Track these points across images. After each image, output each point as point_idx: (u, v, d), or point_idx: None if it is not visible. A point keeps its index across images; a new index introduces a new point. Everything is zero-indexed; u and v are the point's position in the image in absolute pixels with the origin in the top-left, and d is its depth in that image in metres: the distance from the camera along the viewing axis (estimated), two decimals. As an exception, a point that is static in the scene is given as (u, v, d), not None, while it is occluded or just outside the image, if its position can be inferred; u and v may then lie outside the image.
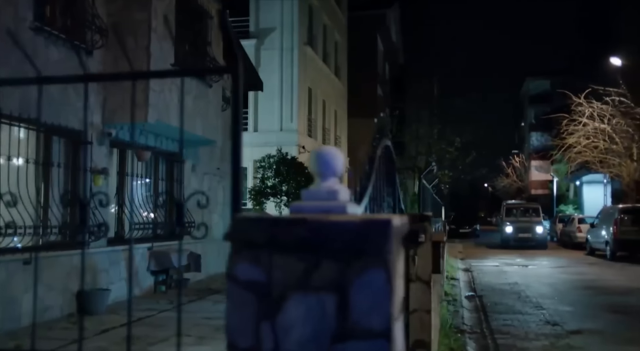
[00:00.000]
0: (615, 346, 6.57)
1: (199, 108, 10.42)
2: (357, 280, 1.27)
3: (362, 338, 1.26)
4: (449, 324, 7.43)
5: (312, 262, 1.29)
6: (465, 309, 9.28)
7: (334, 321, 1.27)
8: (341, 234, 1.28)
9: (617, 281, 13.03)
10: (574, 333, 7.31)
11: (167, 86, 9.12)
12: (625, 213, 18.65)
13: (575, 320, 8.14)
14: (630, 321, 8.12)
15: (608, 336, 7.08)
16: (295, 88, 20.72)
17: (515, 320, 8.27)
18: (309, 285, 1.29)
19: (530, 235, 24.44)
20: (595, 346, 6.54)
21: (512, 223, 25.01)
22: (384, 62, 37.81)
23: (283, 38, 20.91)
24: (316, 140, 23.23)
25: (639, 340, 6.90)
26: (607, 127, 21.11)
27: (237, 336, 1.32)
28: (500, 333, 7.35)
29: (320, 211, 1.38)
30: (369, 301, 1.26)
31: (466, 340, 6.81)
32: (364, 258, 1.27)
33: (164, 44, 9.03)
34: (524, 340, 6.92)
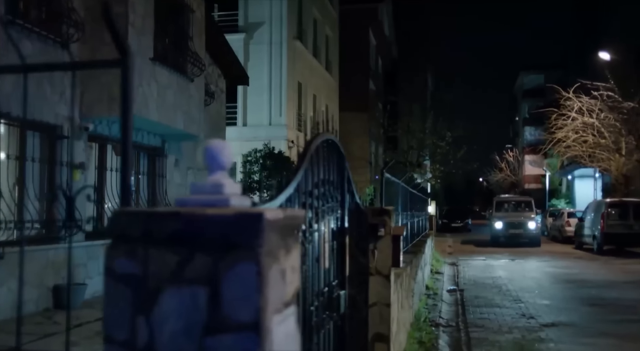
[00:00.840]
0: (586, 338, 6.62)
1: (180, 102, 10.39)
2: (228, 274, 1.27)
3: (232, 331, 1.27)
4: (425, 317, 7.46)
5: (185, 255, 1.29)
6: (445, 303, 9.32)
7: (206, 315, 1.28)
8: (213, 227, 1.29)
9: (600, 274, 13.11)
10: (547, 326, 7.36)
11: (145, 80, 9.09)
12: (612, 207, 18.74)
13: (551, 313, 8.19)
14: (605, 314, 8.18)
15: (580, 329, 7.13)
16: (284, 83, 20.68)
17: (492, 314, 8.31)
18: (183, 279, 1.29)
19: (522, 231, 22.37)
20: (565, 339, 6.59)
21: (503, 219, 22.92)
22: (376, 56, 37.73)
23: (272, 32, 20.85)
24: (306, 135, 23.20)
25: (610, 332, 6.94)
26: (595, 121, 21.14)
27: (114, 329, 1.33)
28: (475, 327, 7.40)
29: (203, 204, 1.38)
30: (239, 295, 1.27)
31: (439, 334, 6.85)
32: (236, 251, 1.27)
33: (142, 39, 8.99)
34: (497, 333, 6.96)
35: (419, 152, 31.34)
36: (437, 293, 10.12)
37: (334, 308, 3.04)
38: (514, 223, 22.54)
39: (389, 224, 4.38)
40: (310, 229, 2.53)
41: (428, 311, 8.21)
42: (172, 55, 10.26)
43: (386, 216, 4.39)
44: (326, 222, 2.99)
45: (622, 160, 21.54)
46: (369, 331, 4.34)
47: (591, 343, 6.37)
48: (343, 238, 3.34)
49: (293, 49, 21.32)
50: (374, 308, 4.35)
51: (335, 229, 3.23)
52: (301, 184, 2.43)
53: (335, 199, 3.19)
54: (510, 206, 24.70)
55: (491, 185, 61.11)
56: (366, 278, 4.28)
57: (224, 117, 14.95)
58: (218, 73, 14.37)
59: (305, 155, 2.51)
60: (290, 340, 1.50)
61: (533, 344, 6.39)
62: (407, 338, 5.97)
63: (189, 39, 10.71)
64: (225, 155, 1.48)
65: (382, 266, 4.37)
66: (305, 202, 2.48)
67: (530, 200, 25.42)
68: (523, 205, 24.35)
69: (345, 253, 3.34)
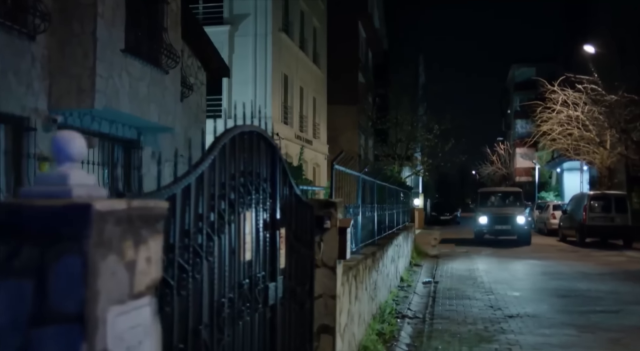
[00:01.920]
0: (546, 329, 6.67)
1: (154, 94, 10.32)
2: (55, 265, 1.27)
3: (58, 322, 1.27)
4: (391, 309, 7.50)
5: (12, 247, 1.29)
6: (417, 295, 9.37)
7: (33, 307, 1.28)
8: (41, 218, 1.28)
9: (576, 266, 13.20)
10: (512, 317, 7.42)
11: (116, 72, 9.02)
12: (594, 199, 18.84)
13: (519, 305, 8.25)
14: (572, 305, 8.24)
15: (543, 320, 7.18)
16: (268, 75, 20.60)
17: (460, 305, 8.37)
18: (10, 271, 1.29)
19: (509, 226, 19.49)
20: (525, 330, 6.63)
21: (487, 213, 20.03)
22: (366, 48, 37.62)
23: (257, 24, 20.72)
24: (292, 128, 23.17)
25: (572, 322, 7.00)
26: (580, 114, 21.20)
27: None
28: (440, 318, 7.44)
29: (44, 195, 1.38)
30: (65, 287, 1.27)
31: (403, 325, 6.89)
32: (62, 243, 1.27)
33: (112, 30, 8.91)
34: (460, 325, 7.01)
35: (407, 144, 31.34)
36: (411, 285, 10.17)
37: (259, 300, 3.04)
38: (500, 218, 19.64)
39: (335, 216, 4.39)
40: (221, 221, 2.53)
41: (397, 303, 8.25)
42: (146, 47, 10.18)
43: (332, 208, 4.40)
44: (251, 214, 2.99)
45: (606, 153, 21.63)
46: (315, 322, 4.36)
47: (549, 334, 6.42)
48: (274, 230, 3.34)
49: (278, 41, 21.21)
50: (320, 300, 4.37)
51: (265, 221, 3.23)
52: (208, 176, 2.42)
53: (263, 191, 3.18)
54: (496, 198, 22.20)
55: (482, 178, 61.31)
56: (311, 270, 4.29)
57: (204, 109, 14.88)
58: (198, 65, 14.29)
59: (214, 147, 2.50)
60: (140, 331, 1.50)
61: (493, 335, 6.43)
62: (367, 329, 6.00)
63: (163, 31, 10.61)
64: (75, 146, 1.47)
65: (328, 258, 4.38)
66: (214, 193, 2.47)
67: (519, 191, 22.99)
68: (511, 198, 21.71)
69: (276, 245, 3.34)
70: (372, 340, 5.68)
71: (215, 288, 2.44)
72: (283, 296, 3.57)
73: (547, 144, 23.64)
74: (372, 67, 39.86)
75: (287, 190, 3.76)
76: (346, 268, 4.88)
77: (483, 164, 58.17)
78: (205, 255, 2.33)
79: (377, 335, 5.96)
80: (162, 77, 10.71)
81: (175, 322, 2.05)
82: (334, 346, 4.33)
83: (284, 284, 3.57)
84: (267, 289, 3.18)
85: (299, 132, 24.09)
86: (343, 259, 4.44)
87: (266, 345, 3.17)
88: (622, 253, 16.57)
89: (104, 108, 8.75)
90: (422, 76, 53.42)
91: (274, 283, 3.31)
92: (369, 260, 6.22)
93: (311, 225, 4.29)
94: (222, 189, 2.58)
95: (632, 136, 19.20)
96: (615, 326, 6.83)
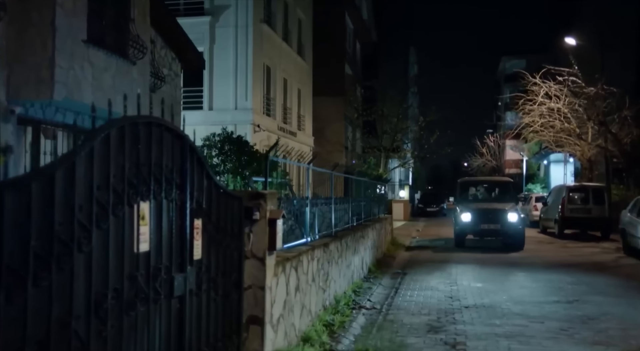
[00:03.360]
0: (497, 319, 6.71)
1: (120, 85, 10.25)
2: None
3: None
4: (348, 301, 7.53)
5: None
6: (382, 286, 9.40)
7: None
8: None
9: (548, 257, 13.29)
10: (468, 307, 7.46)
11: (77, 63, 8.94)
12: (572, 191, 18.94)
13: (479, 296, 8.30)
14: (530, 296, 8.29)
15: (498, 311, 7.23)
16: (249, 67, 20.50)
17: (421, 296, 8.41)
18: None
19: (498, 225, 15.01)
20: (477, 320, 6.67)
21: (470, 209, 15.34)
22: (354, 40, 37.48)
23: (238, 15, 20.61)
24: (275, 119, 23.12)
25: (524, 313, 7.05)
26: (561, 106, 21.25)
27: None
28: (397, 309, 7.48)
29: None
30: None
31: (357, 316, 6.91)
32: None
33: (73, 20, 8.81)
34: (414, 315, 7.05)
35: (393, 136, 31.35)
36: (378, 277, 10.20)
37: (161, 291, 3.03)
38: (487, 215, 15.08)
39: (264, 208, 4.38)
40: (103, 212, 2.51)
41: (357, 294, 8.28)
42: (111, 38, 10.08)
43: (262, 200, 4.39)
44: (151, 205, 2.97)
45: (587, 145, 21.72)
46: (244, 313, 4.37)
47: (498, 324, 6.46)
48: (183, 221, 3.33)
49: (260, 32, 21.10)
50: (249, 291, 4.37)
51: (172, 212, 3.21)
52: (85, 166, 2.40)
53: (168, 182, 3.16)
54: (482, 190, 18.06)
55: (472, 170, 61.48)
56: (239, 261, 4.29)
57: (180, 101, 14.81)
58: (172, 56, 14.19)
59: (92, 137, 2.48)
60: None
61: (443, 325, 6.47)
62: (315, 320, 6.01)
63: (130, 21, 10.52)
64: None
65: (257, 249, 4.38)
66: (92, 184, 2.45)
67: (508, 182, 18.60)
68: (500, 190, 17.39)
69: (185, 236, 3.33)
70: (318, 330, 5.70)
71: (93, 280, 2.43)
72: (199, 287, 3.57)
73: (529, 136, 23.68)
74: (360, 59, 39.75)
75: (206, 181, 3.75)
76: (282, 260, 4.89)
77: (473, 156, 58.28)
78: (77, 246, 2.31)
79: (325, 325, 5.97)
80: (129, 68, 10.63)
81: (31, 314, 2.04)
82: (262, 337, 4.34)
83: (200, 275, 3.56)
84: (173, 280, 3.18)
85: (282, 123, 24.03)
86: (273, 250, 4.43)
87: (171, 335, 3.17)
88: (598, 244, 16.69)
89: (64, 100, 8.68)
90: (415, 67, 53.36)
91: (183, 274, 3.30)
92: (317, 251, 6.23)
93: (239, 216, 4.29)
94: (106, 179, 2.56)
95: (611, 128, 19.28)
96: (566, 316, 6.88)
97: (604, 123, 19.29)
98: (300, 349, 5.03)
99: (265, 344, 4.38)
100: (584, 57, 20.80)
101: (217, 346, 3.85)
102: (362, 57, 40.26)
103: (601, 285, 9.29)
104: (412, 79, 43.93)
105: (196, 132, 15.44)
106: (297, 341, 5.31)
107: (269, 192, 4.46)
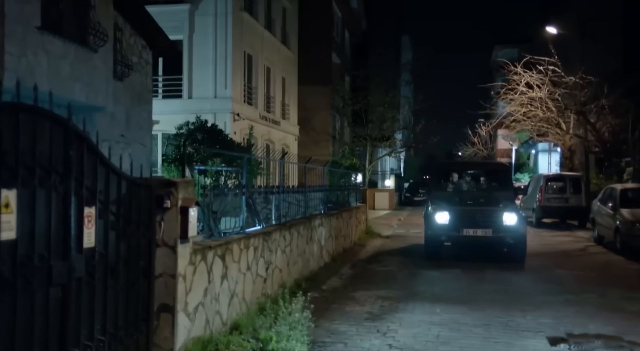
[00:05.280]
0: (439, 307, 6.72)
1: (80, 73, 10.17)
2: None
3: None
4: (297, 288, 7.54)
5: None
6: (340, 274, 9.41)
7: None
8: None
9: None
10: (416, 294, 7.48)
11: (30, 50, 8.86)
12: (550, 181, 18.97)
13: (429, 285, 8.32)
14: (479, 285, 8.30)
15: (442, 298, 7.25)
16: (229, 55, 20.35)
17: (374, 285, 8.42)
18: None
19: (488, 231, 10.63)
20: (417, 309, 6.69)
21: (446, 207, 10.97)
22: (342, 28, 37.25)
23: (217, 3, 20.42)
24: (257, 108, 23.01)
25: (467, 300, 7.07)
26: (542, 95, 21.19)
27: None
28: (345, 298, 7.49)
29: None
30: None
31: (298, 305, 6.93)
32: None
33: (25, 6, 8.72)
34: (359, 304, 7.07)
35: (379, 125, 31.29)
36: (339, 266, 10.22)
37: (32, 280, 3.00)
38: (472, 215, 10.83)
39: (175, 196, 4.36)
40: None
41: (311, 282, 8.29)
42: (69, 25, 10.00)
43: (173, 188, 4.36)
44: (20, 192, 2.93)
45: (568, 135, 21.72)
46: (156, 301, 4.36)
47: (439, 312, 6.48)
48: (67, 209, 3.30)
49: (240, 21, 20.93)
50: (160, 279, 4.36)
51: (51, 200, 3.18)
52: None
53: (44, 170, 3.13)
54: (467, 179, 12.40)
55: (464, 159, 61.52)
56: (149, 249, 4.27)
57: (150, 89, 14.70)
58: (142, 44, 14.08)
59: None
60: None
61: (384, 313, 6.50)
62: (251, 307, 6.00)
63: (90, 8, 10.42)
64: None
65: (169, 237, 4.36)
66: None
67: (504, 166, 14.32)
68: (492, 178, 12.32)
69: (69, 224, 3.30)
70: (251, 317, 5.70)
71: None
72: (91, 275, 3.55)
73: (512, 126, 23.66)
74: (349, 47, 39.55)
75: (102, 169, 3.72)
76: (202, 248, 4.87)
77: (464, 145, 58.30)
78: None
79: (259, 310, 5.97)
80: (90, 56, 10.54)
81: None
82: (173, 325, 4.33)
83: (92, 263, 3.53)
84: (51, 269, 3.15)
85: (264, 112, 23.94)
86: (186, 238, 4.41)
87: (49, 325, 3.15)
88: (573, 233, 16.74)
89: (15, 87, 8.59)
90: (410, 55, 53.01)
91: (66, 262, 3.28)
92: (254, 240, 6.21)
93: (149, 204, 4.27)
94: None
95: (589, 118, 19.26)
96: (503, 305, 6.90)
97: (581, 112, 19.27)
98: (224, 336, 5.02)
99: (178, 332, 4.37)
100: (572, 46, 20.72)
101: (117, 334, 3.84)
102: (351, 46, 40.05)
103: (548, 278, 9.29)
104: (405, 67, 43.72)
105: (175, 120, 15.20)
106: (225, 329, 5.31)
107: (181, 180, 4.43)
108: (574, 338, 5.49)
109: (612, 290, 8.02)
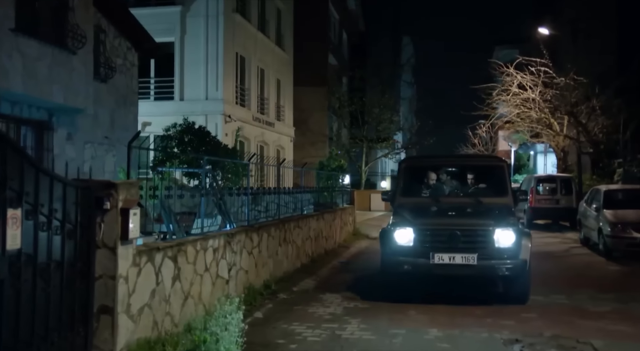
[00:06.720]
0: (395, 312, 6.69)
1: (58, 75, 10.22)
2: None
3: None
4: (264, 290, 7.56)
5: None
6: (315, 275, 9.40)
7: None
8: None
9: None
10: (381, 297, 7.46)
11: (4, 52, 8.91)
12: (541, 182, 18.88)
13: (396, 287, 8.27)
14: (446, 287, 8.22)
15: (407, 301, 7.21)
16: (220, 57, 20.39)
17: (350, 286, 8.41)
18: None
19: (471, 257, 7.14)
20: (381, 312, 6.66)
21: (412, 224, 7.55)
22: (339, 29, 37.25)
23: (208, 5, 20.47)
24: (250, 110, 23.03)
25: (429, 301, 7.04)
26: (536, 96, 21.12)
27: None
28: (312, 300, 7.47)
29: None
30: None
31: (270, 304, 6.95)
32: None
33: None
34: (321, 305, 7.05)
35: (375, 126, 31.27)
36: (317, 268, 10.20)
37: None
38: (450, 235, 7.30)
39: (115, 197, 4.36)
40: None
41: (281, 284, 8.27)
42: (46, 27, 10.04)
43: (113, 189, 4.37)
44: None
45: (561, 137, 21.63)
46: (96, 303, 4.37)
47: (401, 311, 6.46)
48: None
49: (232, 22, 20.97)
50: (100, 281, 4.37)
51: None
52: None
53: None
54: (447, 182, 8.88)
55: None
56: (88, 251, 4.28)
57: (136, 90, 14.75)
58: (127, 46, 14.13)
59: None
60: None
61: (343, 316, 6.48)
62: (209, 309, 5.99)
63: (68, 10, 10.46)
64: None
65: (109, 239, 4.36)
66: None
67: (500, 164, 9.00)
68: (483, 180, 8.72)
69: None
70: (207, 318, 5.68)
71: None
72: (16, 277, 3.55)
73: (506, 126, 23.57)
74: (347, 48, 39.53)
75: (30, 170, 3.73)
76: (149, 249, 4.87)
77: (465, 147, 58.15)
78: None
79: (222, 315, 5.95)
80: (69, 58, 10.58)
81: None
82: (113, 327, 4.33)
83: (17, 265, 3.54)
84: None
85: (258, 114, 23.95)
86: (126, 240, 4.42)
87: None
88: (562, 234, 16.64)
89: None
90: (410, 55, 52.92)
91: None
92: (213, 241, 6.21)
93: (88, 206, 4.28)
94: None
95: (580, 119, 19.16)
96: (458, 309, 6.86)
97: (572, 113, 19.18)
98: (173, 338, 5.02)
99: (119, 333, 4.37)
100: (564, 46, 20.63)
101: (48, 336, 3.84)
102: (349, 47, 40.03)
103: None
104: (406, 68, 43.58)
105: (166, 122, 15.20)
106: (177, 330, 5.31)
107: (121, 182, 4.43)
108: (529, 338, 5.45)
109: (582, 291, 7.96)
